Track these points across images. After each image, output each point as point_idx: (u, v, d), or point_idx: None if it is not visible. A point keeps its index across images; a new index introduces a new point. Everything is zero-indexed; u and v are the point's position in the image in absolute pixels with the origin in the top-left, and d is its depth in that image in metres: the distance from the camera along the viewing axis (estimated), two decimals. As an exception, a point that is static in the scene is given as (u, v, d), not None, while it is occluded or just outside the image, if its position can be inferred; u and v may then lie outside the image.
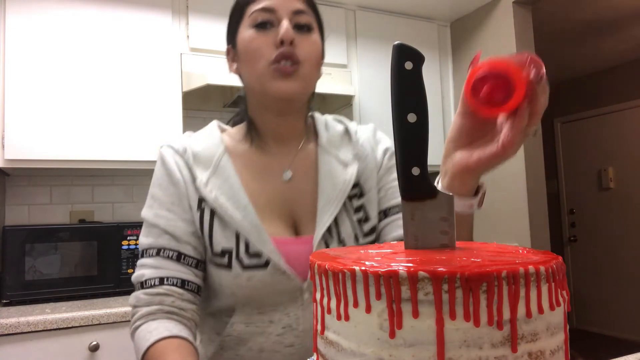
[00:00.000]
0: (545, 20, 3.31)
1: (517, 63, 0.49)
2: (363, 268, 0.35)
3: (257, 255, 0.76)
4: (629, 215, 4.44)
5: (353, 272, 0.35)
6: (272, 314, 0.78)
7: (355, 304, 0.35)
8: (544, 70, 0.51)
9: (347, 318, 0.36)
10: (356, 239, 0.80)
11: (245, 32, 0.79)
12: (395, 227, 0.83)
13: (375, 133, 0.90)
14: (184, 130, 2.23)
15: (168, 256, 0.77)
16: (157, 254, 0.77)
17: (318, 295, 0.40)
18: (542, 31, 3.40)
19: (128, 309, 1.74)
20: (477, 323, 0.32)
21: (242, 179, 0.80)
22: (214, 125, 0.88)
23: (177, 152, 0.82)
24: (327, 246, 0.78)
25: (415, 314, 0.33)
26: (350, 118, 2.60)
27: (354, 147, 0.86)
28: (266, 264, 0.76)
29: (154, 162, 2.32)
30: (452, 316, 0.32)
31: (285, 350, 0.77)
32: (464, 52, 2.88)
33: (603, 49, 4.09)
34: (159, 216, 0.79)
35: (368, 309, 0.35)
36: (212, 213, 0.78)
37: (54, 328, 1.64)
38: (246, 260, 0.76)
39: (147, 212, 0.81)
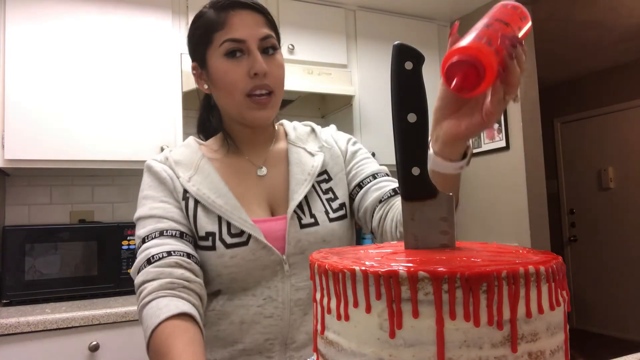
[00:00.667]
0: (545, 20, 3.31)
1: (487, 46, 0.52)
2: (363, 268, 0.35)
3: (239, 234, 0.84)
4: (629, 215, 4.44)
5: (353, 272, 0.35)
6: (255, 288, 0.85)
7: (355, 304, 0.35)
8: (520, 43, 0.55)
9: (347, 318, 0.36)
10: (327, 214, 0.89)
11: (217, 61, 0.86)
12: (371, 192, 0.92)
13: (336, 131, 1.04)
14: (184, 130, 2.24)
15: (171, 235, 0.82)
16: (161, 234, 0.82)
17: (318, 295, 0.40)
18: (542, 31, 3.40)
19: (128, 308, 1.74)
20: (477, 323, 0.32)
21: (223, 177, 0.90)
22: (190, 139, 0.98)
23: (160, 161, 0.91)
24: (300, 220, 0.87)
25: (415, 314, 0.33)
26: (350, 118, 2.61)
27: (319, 142, 0.98)
28: (247, 240, 0.83)
29: (154, 162, 2.27)
30: (452, 316, 0.32)
31: (265, 322, 0.83)
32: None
33: (603, 49, 4.09)
34: (154, 208, 0.85)
35: (368, 309, 0.35)
36: (196, 202, 0.86)
37: (54, 328, 1.64)
38: (229, 240, 0.83)
39: (140, 211, 0.86)
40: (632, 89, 4.43)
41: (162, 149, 2.09)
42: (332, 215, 0.90)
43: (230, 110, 0.90)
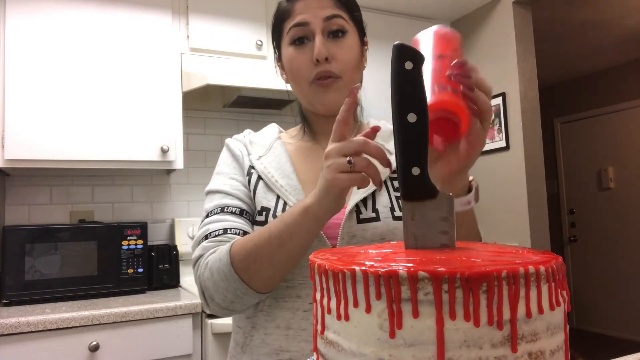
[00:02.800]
0: (545, 20, 3.31)
1: (447, 93, 0.51)
2: (363, 268, 0.35)
3: None
4: (629, 215, 4.43)
5: (353, 272, 0.35)
6: (300, 288, 0.79)
7: (355, 304, 0.35)
8: (465, 70, 0.53)
9: (347, 318, 0.36)
10: (392, 210, 0.83)
11: (287, 50, 0.86)
12: None
13: None
14: (184, 131, 2.24)
15: (231, 212, 0.84)
16: (222, 210, 0.85)
17: (318, 295, 0.40)
18: (542, 31, 3.40)
19: (128, 308, 1.74)
20: (477, 323, 0.32)
21: (292, 159, 0.89)
22: (272, 125, 1.00)
23: (237, 139, 0.94)
24: (359, 214, 0.81)
25: (415, 314, 0.33)
26: (350, 118, 2.60)
27: None
28: None
29: (154, 162, 2.31)
30: (452, 316, 0.32)
31: (311, 329, 0.77)
32: (464, 52, 2.87)
33: (603, 49, 4.09)
34: (224, 184, 0.88)
35: (368, 309, 0.35)
36: (259, 178, 0.87)
37: (54, 328, 1.64)
38: None
39: (211, 185, 0.90)
40: (632, 89, 4.43)
41: (162, 149, 2.09)
42: (397, 213, 0.82)
43: (301, 100, 0.90)
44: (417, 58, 0.46)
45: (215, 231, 0.82)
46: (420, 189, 0.46)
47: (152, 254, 2.16)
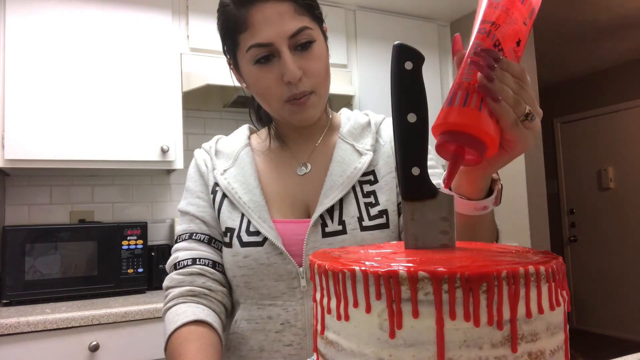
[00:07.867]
0: (545, 20, 3.31)
1: (476, 112, 0.42)
2: (363, 268, 0.35)
3: (256, 233, 0.79)
4: (629, 215, 4.43)
5: (353, 272, 0.35)
6: (271, 309, 0.79)
7: (355, 304, 0.35)
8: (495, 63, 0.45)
9: (347, 318, 0.36)
10: (360, 220, 0.79)
11: (248, 68, 0.79)
12: None
13: None
14: (184, 131, 2.24)
15: (200, 239, 0.84)
16: (190, 237, 0.85)
17: (318, 295, 0.40)
18: (542, 31, 3.40)
19: (128, 308, 1.74)
20: (477, 323, 0.32)
21: (259, 170, 0.86)
22: (244, 127, 0.96)
23: (204, 150, 0.92)
24: (324, 226, 0.78)
25: (415, 314, 0.33)
26: (350, 118, 2.60)
27: (373, 138, 0.86)
28: (263, 241, 0.79)
29: (154, 162, 2.31)
30: (452, 316, 0.32)
31: (284, 350, 0.77)
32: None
33: (603, 49, 4.09)
34: (191, 204, 0.87)
35: (368, 309, 0.35)
36: (224, 196, 0.84)
37: (54, 328, 1.63)
38: (245, 238, 0.80)
39: (181, 204, 0.89)
40: (632, 89, 4.43)
41: (162, 149, 2.09)
42: (366, 222, 0.78)
43: (270, 112, 0.84)
44: (417, 58, 0.46)
45: (184, 260, 0.82)
46: (420, 189, 0.46)
47: (152, 254, 2.16)
